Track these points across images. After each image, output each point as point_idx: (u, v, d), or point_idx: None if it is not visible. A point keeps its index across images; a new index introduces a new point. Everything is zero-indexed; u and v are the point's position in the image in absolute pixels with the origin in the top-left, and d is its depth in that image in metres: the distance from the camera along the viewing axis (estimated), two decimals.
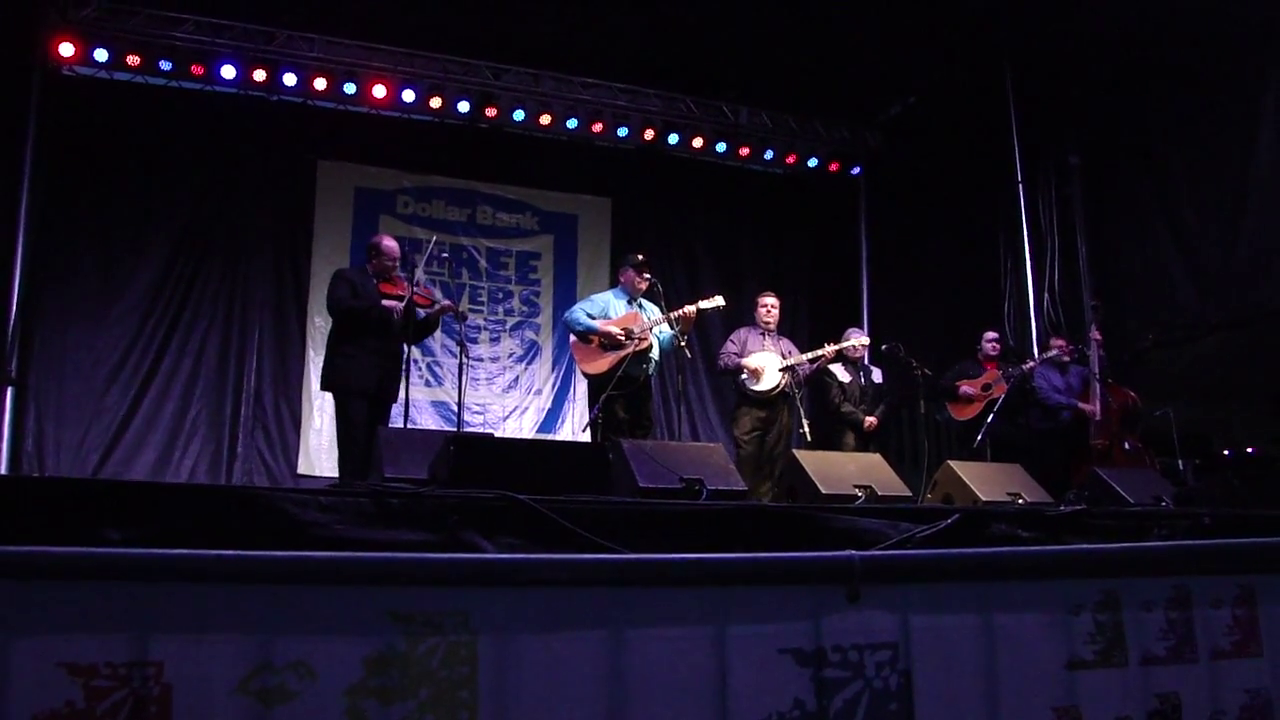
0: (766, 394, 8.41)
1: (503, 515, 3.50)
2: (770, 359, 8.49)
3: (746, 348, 8.57)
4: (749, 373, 8.44)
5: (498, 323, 11.51)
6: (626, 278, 8.14)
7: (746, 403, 8.49)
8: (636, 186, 12.19)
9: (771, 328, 8.71)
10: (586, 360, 7.84)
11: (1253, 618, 2.89)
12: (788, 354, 8.59)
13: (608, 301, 8.06)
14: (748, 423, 8.43)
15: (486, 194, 11.69)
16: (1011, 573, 2.70)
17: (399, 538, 3.37)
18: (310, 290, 10.60)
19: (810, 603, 2.49)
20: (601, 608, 2.35)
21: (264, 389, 10.46)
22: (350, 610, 2.17)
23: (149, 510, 3.14)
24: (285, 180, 10.83)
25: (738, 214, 12.68)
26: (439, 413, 10.87)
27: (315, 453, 10.41)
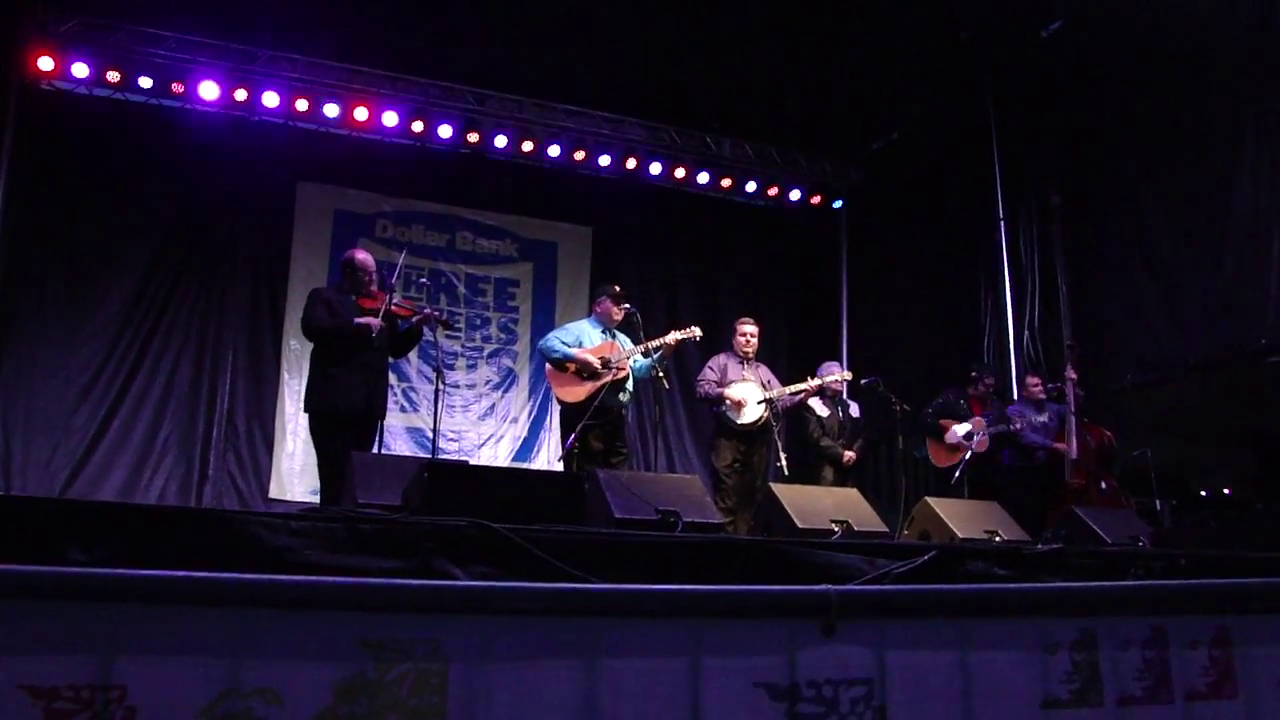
0: (748, 426, 8.35)
1: (476, 543, 3.48)
2: (751, 390, 8.44)
3: (726, 376, 8.51)
4: (731, 404, 8.36)
5: (475, 349, 11.50)
6: (603, 308, 8.12)
7: (727, 435, 8.41)
8: (618, 216, 12.21)
9: (751, 355, 8.68)
10: (563, 388, 7.81)
11: (1228, 659, 2.89)
12: (767, 382, 8.55)
13: (582, 330, 8.04)
14: (729, 454, 8.36)
15: (466, 219, 11.70)
16: (988, 610, 2.70)
17: (371, 564, 3.34)
18: (286, 312, 10.56)
19: (786, 636, 2.48)
20: (575, 638, 2.33)
21: (237, 411, 10.41)
22: (320, 635, 2.15)
23: (116, 531, 3.10)
24: (264, 201, 10.81)
25: (719, 245, 12.73)
26: (414, 439, 10.84)
27: (287, 476, 10.36)
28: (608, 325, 8.06)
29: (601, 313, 8.12)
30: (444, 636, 2.23)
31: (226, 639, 2.11)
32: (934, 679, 2.59)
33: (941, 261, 11.14)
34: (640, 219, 12.33)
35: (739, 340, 8.70)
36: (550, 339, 8.00)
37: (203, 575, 2.16)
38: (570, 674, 2.32)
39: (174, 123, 10.46)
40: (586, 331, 8.02)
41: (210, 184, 10.60)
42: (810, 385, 8.65)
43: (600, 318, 8.11)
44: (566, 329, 8.15)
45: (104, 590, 2.10)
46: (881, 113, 11.62)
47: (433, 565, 3.39)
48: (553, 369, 7.91)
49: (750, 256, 12.88)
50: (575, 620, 2.35)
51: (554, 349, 7.87)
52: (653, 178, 12.04)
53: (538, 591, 2.39)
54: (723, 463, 8.38)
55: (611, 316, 8.05)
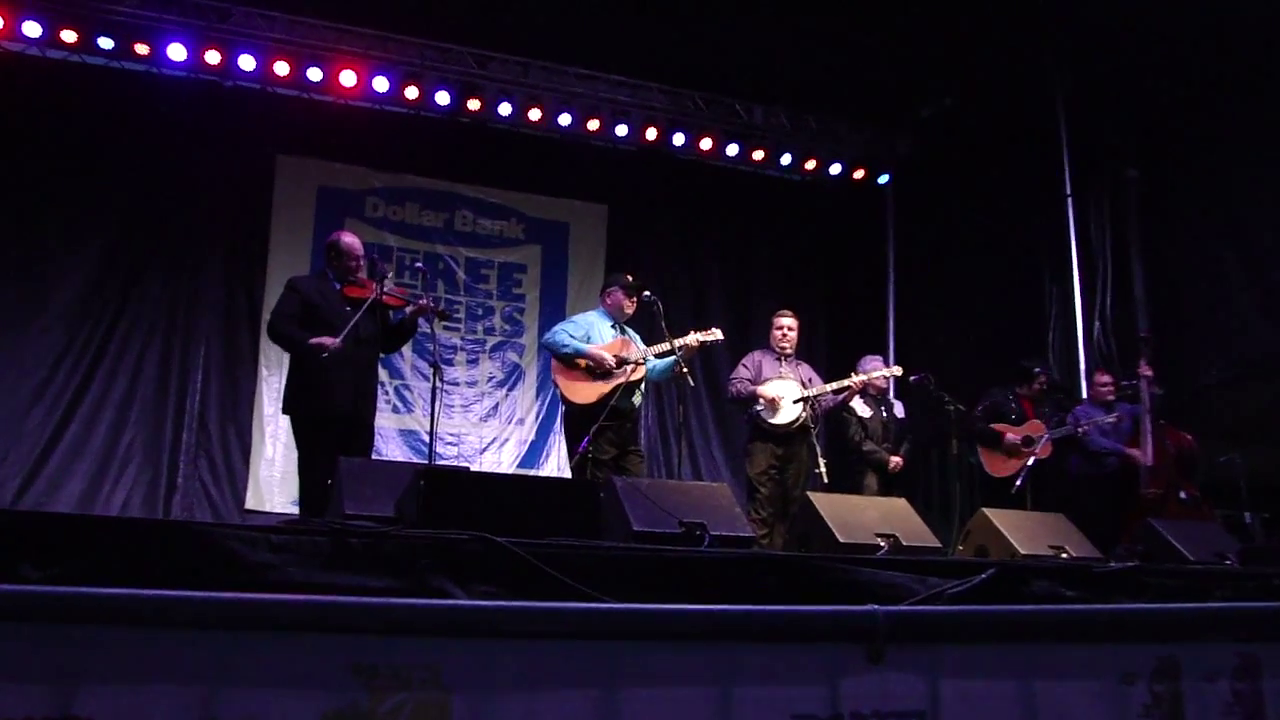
0: (785, 428, 8.35)
1: (478, 559, 3.49)
2: (788, 388, 8.43)
3: (761, 374, 8.53)
4: (765, 403, 8.37)
5: (476, 342, 11.53)
6: (613, 299, 8.12)
7: (761, 437, 8.42)
8: (636, 193, 12.22)
9: (789, 351, 8.67)
10: (572, 388, 7.79)
11: None
12: (808, 381, 8.57)
13: (591, 325, 8.04)
14: (763, 460, 8.38)
15: (467, 197, 11.73)
16: (1055, 635, 2.69)
17: (360, 583, 3.35)
18: (265, 302, 10.57)
19: (827, 663, 2.48)
20: (591, 664, 2.34)
21: (209, 412, 10.45)
22: (307, 660, 2.15)
23: (74, 546, 3.11)
24: (239, 177, 10.83)
25: (750, 225, 12.74)
26: (407, 443, 10.89)
27: (266, 485, 10.43)
28: (618, 319, 8.08)
29: (612, 305, 8.12)
30: (445, 662, 2.24)
31: (202, 665, 2.12)
32: (993, 710, 2.59)
33: (1001, 243, 11.08)
34: (662, 196, 12.33)
35: (775, 334, 8.70)
36: (557, 332, 7.99)
37: (174, 594, 2.17)
38: (586, 704, 2.32)
39: (138, 89, 10.49)
40: (596, 325, 8.01)
41: (179, 158, 10.61)
42: (854, 382, 8.63)
43: (610, 310, 8.11)
44: (574, 321, 8.14)
45: (63, 611, 2.10)
46: (933, 76, 11.54)
47: (430, 584, 3.39)
48: (559, 366, 7.89)
49: (785, 238, 12.87)
50: (591, 644, 2.36)
51: (561, 343, 7.85)
52: (675, 150, 12.04)
53: (548, 612, 2.39)
54: (756, 469, 8.39)
55: (623, 309, 8.06)
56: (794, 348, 8.73)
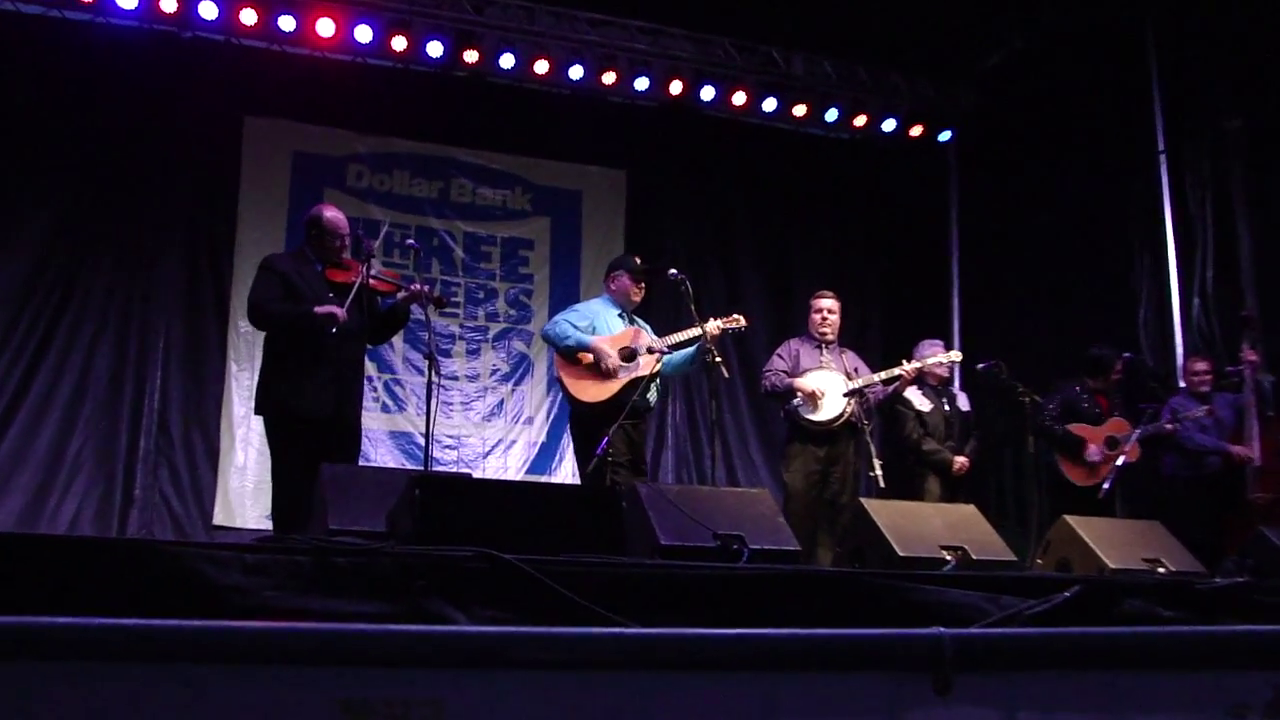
0: (828, 425, 8.38)
1: (483, 580, 3.50)
2: (832, 380, 8.45)
3: (800, 364, 8.57)
4: (804, 397, 8.39)
5: (477, 330, 11.60)
6: (619, 285, 8.15)
7: (800, 437, 8.47)
8: (659, 155, 12.24)
9: (830, 338, 8.70)
10: (580, 385, 7.81)
11: None
12: (854, 372, 8.59)
13: (595, 314, 8.07)
14: (803, 463, 8.42)
15: (465, 163, 11.78)
16: (1151, 661, 2.68)
17: (347, 608, 3.37)
18: (233, 286, 10.66)
19: (888, 694, 2.48)
20: (613, 698, 2.34)
21: (170, 414, 10.49)
22: (289, 697, 2.16)
23: (15, 569, 3.14)
24: (201, 144, 10.85)
25: (790, 192, 12.73)
26: (400, 446, 10.97)
27: (237, 497, 10.47)
28: (626, 308, 8.12)
29: (617, 291, 8.15)
30: (447, 697, 2.24)
31: (168, 702, 2.12)
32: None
33: (1083, 209, 11.01)
34: (688, 160, 12.35)
35: (814, 319, 8.75)
36: (558, 323, 8.00)
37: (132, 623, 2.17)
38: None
39: (82, 40, 10.50)
40: (601, 314, 8.06)
41: (131, 123, 10.63)
42: (908, 369, 8.61)
43: (616, 297, 8.15)
44: (577, 310, 8.19)
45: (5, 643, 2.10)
46: (1002, 18, 11.49)
47: (428, 608, 3.41)
48: (563, 361, 7.92)
49: (831, 207, 12.88)
50: (613, 676, 2.36)
51: (563, 335, 7.86)
52: (704, 106, 12.02)
53: (564, 639, 2.40)
54: (793, 473, 8.44)
55: (629, 296, 8.11)
56: (836, 333, 8.74)
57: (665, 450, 11.86)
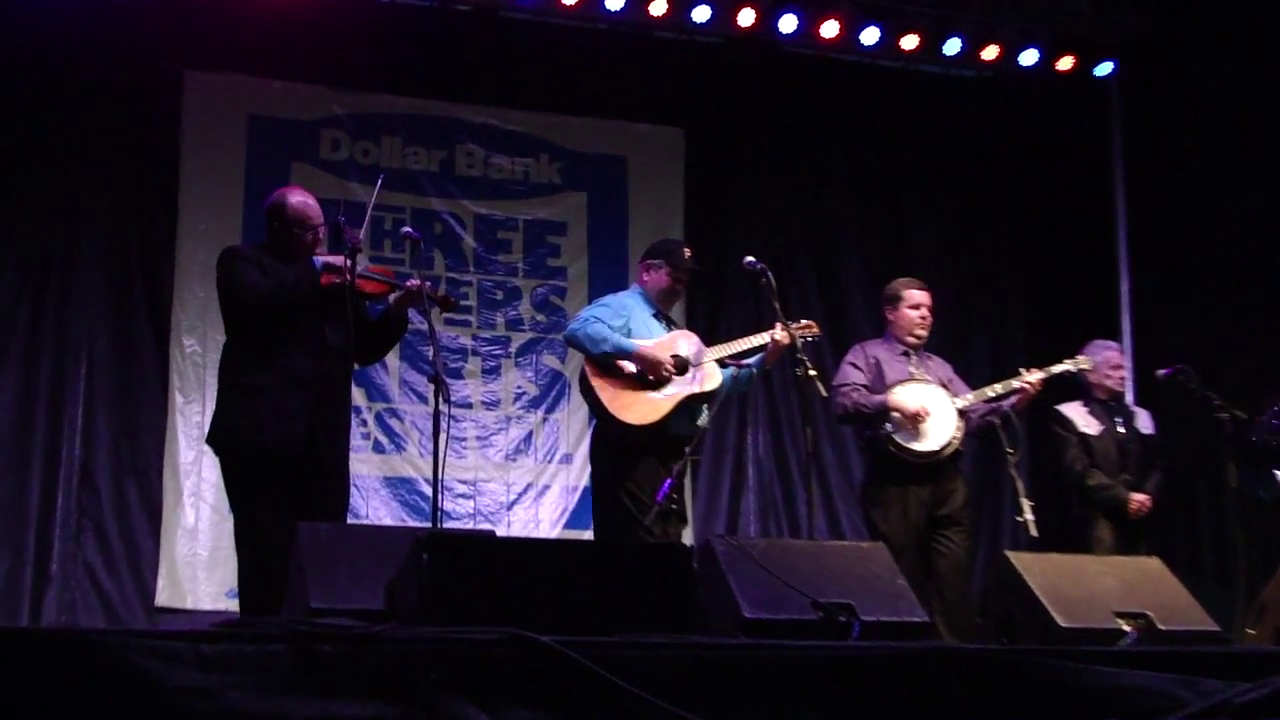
0: (935, 456, 8.34)
1: (513, 669, 3.57)
2: (934, 395, 8.40)
3: (882, 375, 8.59)
4: (903, 419, 8.31)
5: (496, 342, 11.58)
6: (655, 279, 8.15)
7: (896, 474, 8.45)
8: (726, 108, 12.25)
9: (923, 341, 8.77)
10: (620, 401, 7.77)
11: None
12: (947, 383, 8.67)
13: (630, 310, 8.06)
14: (900, 505, 8.40)
15: (473, 125, 11.77)
16: None
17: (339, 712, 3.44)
18: (175, 291, 10.64)
19: None
20: None
21: (96, 462, 10.41)
22: None
23: None
24: (128, 109, 10.84)
25: (899, 151, 12.71)
26: (398, 496, 10.96)
27: (187, 569, 10.40)
28: (662, 308, 8.21)
29: (652, 285, 8.16)
30: None
31: None
32: None
33: None
34: (765, 113, 12.33)
35: (906, 317, 8.70)
36: (590, 321, 7.93)
37: None
38: None
39: None
40: (635, 312, 8.09)
41: (36, 83, 10.63)
42: (1031, 380, 8.46)
43: (650, 293, 8.17)
44: (607, 304, 8.15)
45: None
46: None
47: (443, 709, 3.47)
48: (596, 369, 7.88)
49: (953, 168, 12.83)
50: None
51: (598, 336, 7.81)
52: (784, 40, 11.98)
53: None
54: (888, 518, 8.43)
55: (667, 295, 8.19)
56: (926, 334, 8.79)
57: (745, 493, 11.84)
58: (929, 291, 8.74)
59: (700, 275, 8.23)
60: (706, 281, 11.01)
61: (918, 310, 8.62)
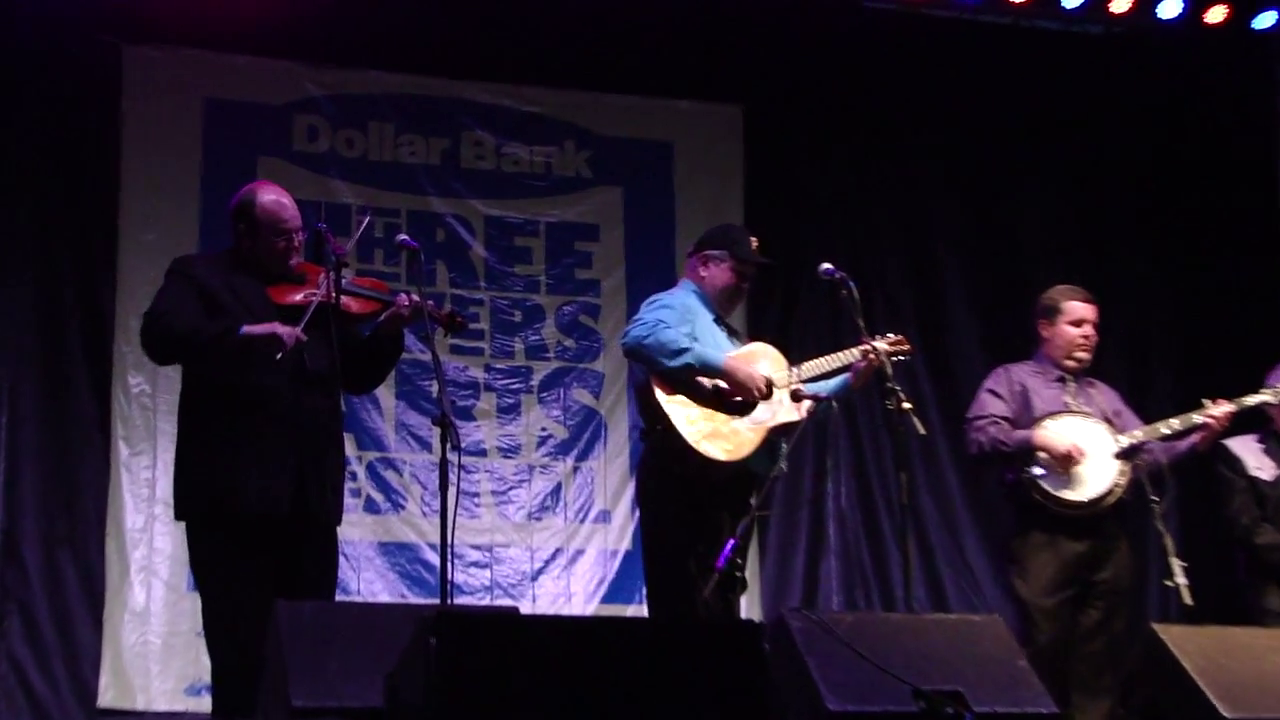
0: (1092, 507, 8.19)
1: None
2: (1092, 432, 8.25)
3: (1031, 405, 8.48)
4: (1052, 461, 8.15)
5: (513, 374, 11.49)
6: (714, 275, 7.95)
7: (1043, 524, 8.31)
8: (794, 80, 12.14)
9: (1084, 365, 8.61)
10: (700, 429, 7.51)
11: None
12: (1115, 417, 8.55)
13: (695, 314, 7.86)
14: (1049, 567, 8.26)
15: (482, 106, 11.75)
16: None
17: None
18: (117, 316, 10.54)
19: None
20: None
21: (22, 530, 10.30)
22: None
23: None
24: (56, 91, 10.81)
25: (1009, 125, 12.62)
26: (395, 565, 10.86)
27: (136, 661, 10.25)
28: (721, 312, 8.07)
29: (711, 283, 8.00)
30: None
31: None
32: None
33: None
34: (842, 84, 12.24)
35: (1065, 334, 8.57)
36: (656, 326, 7.61)
37: None
38: None
39: None
40: (700, 315, 7.91)
41: None
42: (1217, 414, 8.28)
43: (709, 293, 7.98)
44: (668, 305, 7.85)
45: None
46: None
47: None
48: (666, 386, 7.59)
49: (1076, 147, 12.70)
50: None
51: (675, 344, 7.54)
52: None
53: None
54: (1033, 582, 8.28)
55: (728, 295, 8.01)
56: (1090, 358, 8.64)
57: (825, 555, 11.77)
58: (1095, 305, 8.57)
59: (771, 271, 8.09)
60: (774, 289, 10.93)
61: (1080, 327, 8.47)
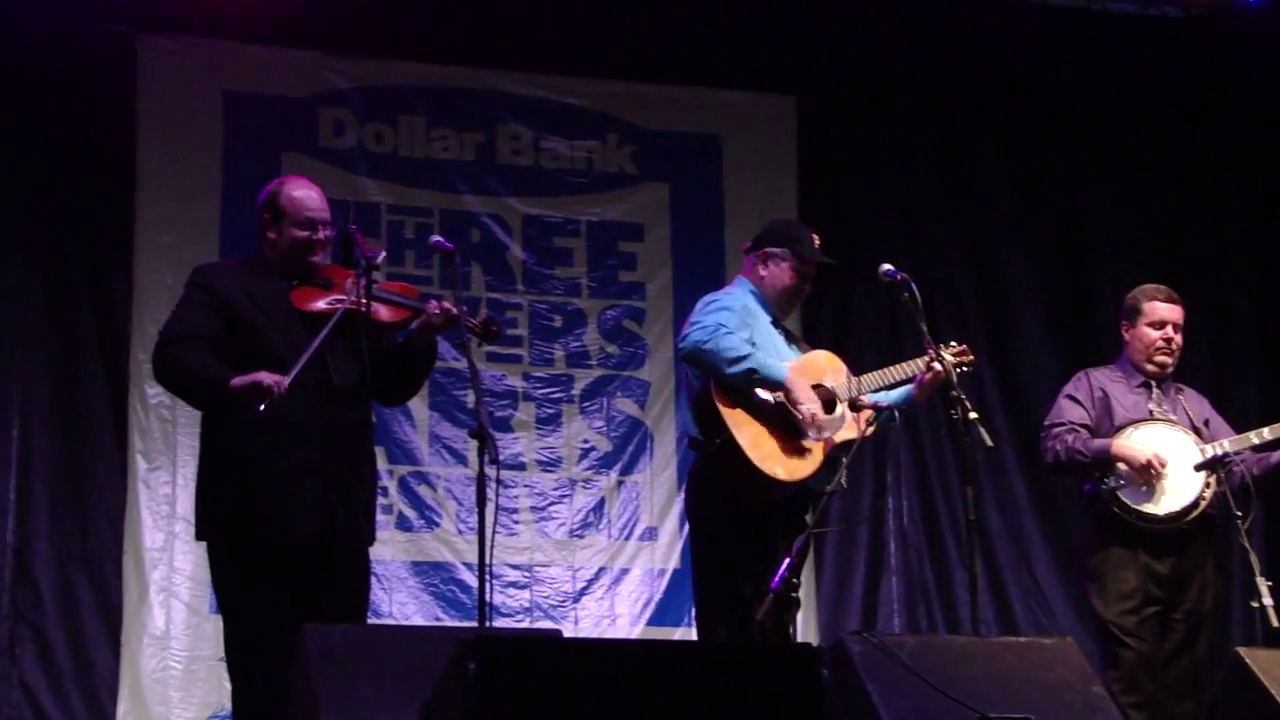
0: (1175, 521, 8.16)
1: None
2: (1176, 441, 8.23)
3: (1112, 414, 8.47)
4: (1132, 472, 8.10)
5: (554, 383, 11.47)
6: (772, 274, 7.89)
7: (1123, 539, 8.31)
8: (849, 67, 12.11)
9: (1167, 370, 8.55)
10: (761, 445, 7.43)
11: None
12: (1204, 426, 8.52)
13: (754, 317, 7.78)
14: (1132, 582, 8.23)
15: (519, 98, 11.70)
16: None
17: None
18: (134, 319, 10.49)
19: None
20: None
21: (34, 550, 10.29)
22: None
23: None
24: (68, 85, 10.76)
25: (1084, 115, 12.53)
26: (430, 586, 10.84)
27: (156, 688, 10.22)
28: (778, 314, 8.04)
29: (770, 284, 7.97)
30: None
31: None
32: None
33: None
34: (900, 70, 12.19)
35: (1144, 336, 8.60)
36: (720, 331, 7.51)
37: None
38: None
39: None
40: (759, 319, 7.84)
41: None
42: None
43: (767, 294, 7.92)
44: (728, 306, 7.76)
45: None
46: None
47: None
48: (725, 399, 7.50)
49: (1151, 138, 12.63)
50: None
51: (736, 351, 7.44)
52: None
53: None
54: (1116, 600, 8.26)
55: (790, 294, 7.98)
56: (1175, 363, 8.60)
57: (886, 575, 11.75)
58: (1180, 305, 8.53)
59: (832, 271, 8.05)
60: (828, 292, 10.85)
61: (1160, 329, 8.45)
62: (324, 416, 6.83)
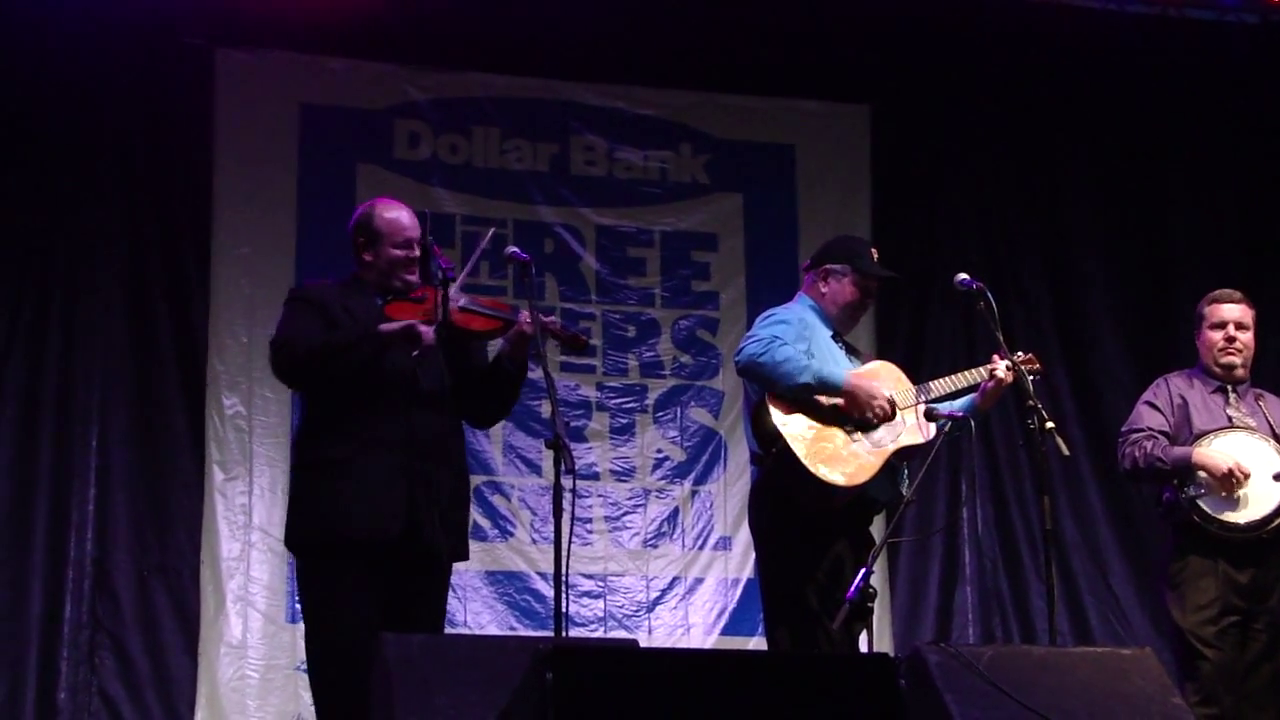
0: (1255, 531, 8.14)
1: None
2: (1257, 450, 8.19)
3: (1190, 421, 8.46)
4: (1212, 480, 8.12)
5: (628, 393, 11.60)
6: (833, 290, 7.97)
7: (1203, 549, 8.28)
8: (925, 76, 12.19)
9: (1241, 374, 8.58)
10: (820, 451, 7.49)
11: None
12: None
13: (813, 332, 7.88)
14: (1212, 591, 8.23)
15: (593, 109, 11.83)
16: None
17: None
18: (211, 331, 10.62)
19: None
20: None
21: (113, 559, 10.42)
22: None
23: None
24: (147, 97, 10.94)
25: (1154, 123, 12.56)
26: (504, 595, 10.97)
27: (233, 696, 10.37)
28: (840, 329, 8.05)
29: (831, 299, 8.00)
30: None
31: None
32: None
33: None
34: (976, 79, 12.26)
35: (1210, 339, 8.62)
36: (775, 344, 7.59)
37: None
38: None
39: None
40: (818, 332, 7.90)
41: (27, 65, 10.74)
42: None
43: (829, 309, 8.01)
44: (785, 320, 7.88)
45: None
46: None
47: None
48: (784, 406, 7.58)
49: (1230, 144, 12.62)
50: None
51: (794, 363, 7.52)
52: None
53: None
54: (1194, 610, 8.26)
55: (852, 309, 8.04)
56: (1248, 366, 8.57)
57: (960, 584, 11.81)
58: (1244, 304, 8.52)
59: (896, 285, 8.17)
60: (903, 302, 11.01)
61: (1221, 329, 8.45)
62: (410, 426, 6.91)
